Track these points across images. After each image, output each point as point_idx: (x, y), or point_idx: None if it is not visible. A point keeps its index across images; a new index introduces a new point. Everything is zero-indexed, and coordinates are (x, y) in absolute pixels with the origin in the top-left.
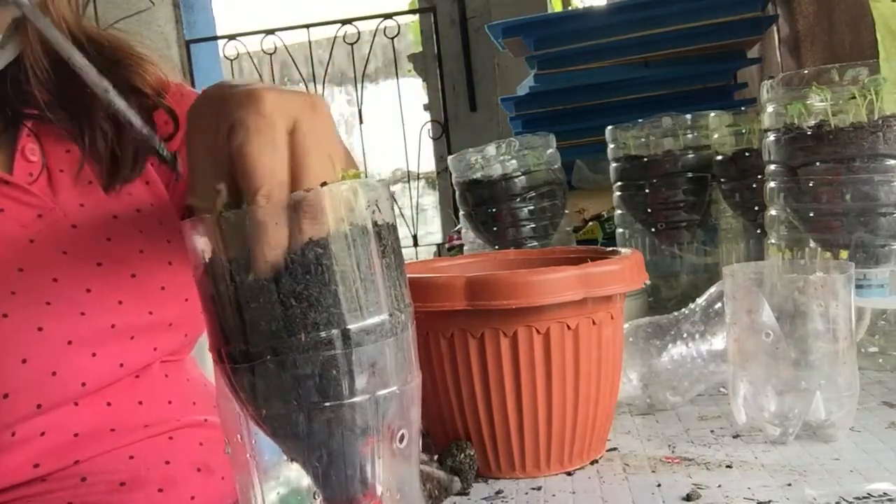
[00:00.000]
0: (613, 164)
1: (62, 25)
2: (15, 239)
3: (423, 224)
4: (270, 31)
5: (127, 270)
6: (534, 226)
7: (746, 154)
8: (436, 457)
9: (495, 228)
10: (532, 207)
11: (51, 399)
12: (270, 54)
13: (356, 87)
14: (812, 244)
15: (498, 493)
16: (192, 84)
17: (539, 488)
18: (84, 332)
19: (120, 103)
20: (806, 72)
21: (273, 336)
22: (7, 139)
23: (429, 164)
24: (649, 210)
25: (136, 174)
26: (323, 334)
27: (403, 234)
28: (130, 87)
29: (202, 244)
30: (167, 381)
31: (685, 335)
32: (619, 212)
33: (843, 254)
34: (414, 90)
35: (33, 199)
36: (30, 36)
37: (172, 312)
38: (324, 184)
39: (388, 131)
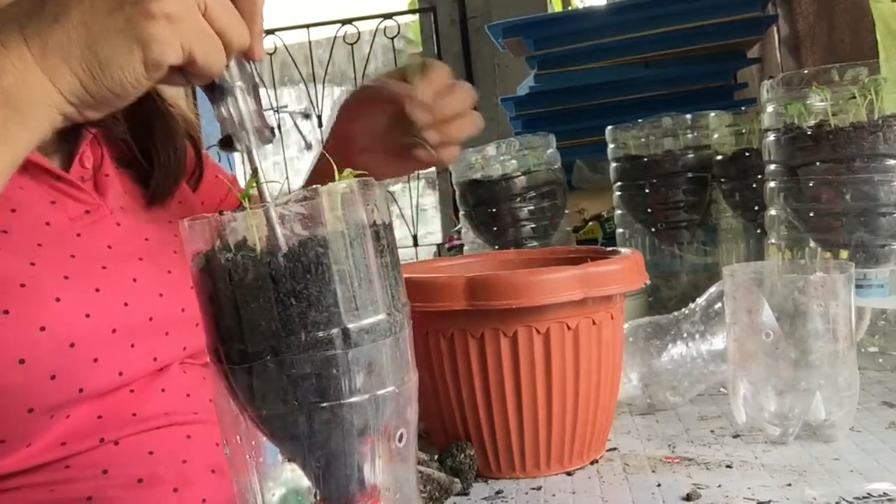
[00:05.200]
0: (613, 164)
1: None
2: (64, 230)
3: (423, 224)
4: (270, 31)
5: (164, 266)
6: (534, 226)
7: (746, 154)
8: (436, 457)
9: (495, 228)
10: (532, 207)
11: (91, 385)
12: (270, 54)
13: (356, 87)
14: (812, 244)
15: (498, 493)
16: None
17: (539, 488)
18: (126, 322)
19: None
20: (806, 72)
21: (272, 336)
22: (66, 144)
23: None
24: (649, 210)
25: (172, 191)
26: (322, 334)
27: (403, 234)
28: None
29: (201, 243)
30: (186, 376)
31: (685, 335)
32: (619, 212)
33: (843, 254)
34: None
35: (83, 196)
36: None
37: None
38: (324, 183)
39: None
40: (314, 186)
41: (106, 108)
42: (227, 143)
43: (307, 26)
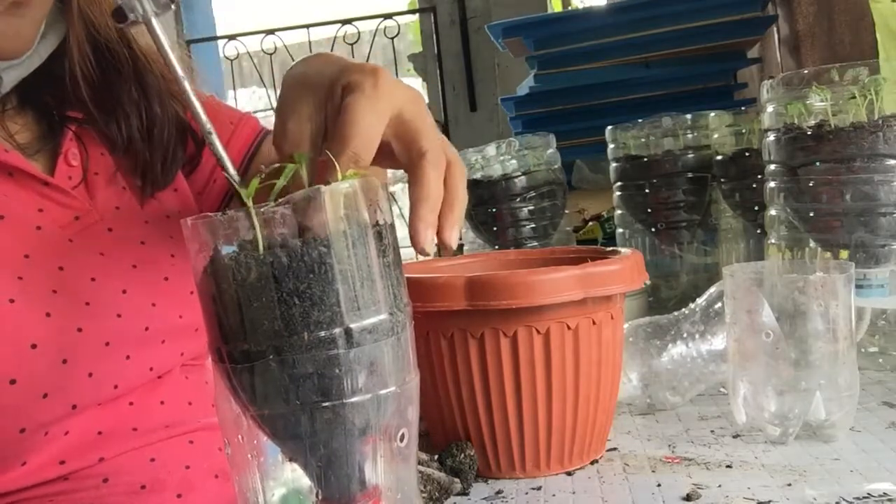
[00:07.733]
0: (613, 164)
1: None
2: (54, 239)
3: None
4: (270, 31)
5: (160, 274)
6: (534, 226)
7: (746, 154)
8: (436, 457)
9: (495, 228)
10: (532, 207)
11: (85, 400)
12: (270, 54)
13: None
14: (812, 244)
15: (498, 493)
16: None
17: (539, 488)
18: (120, 334)
19: (218, 146)
20: (806, 72)
21: (275, 335)
22: (51, 142)
23: None
24: (649, 210)
25: (169, 181)
26: (324, 333)
27: (404, 234)
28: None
29: (204, 242)
30: (188, 382)
31: (685, 335)
32: (619, 212)
33: (843, 254)
34: None
35: (72, 202)
36: (75, 20)
37: (199, 317)
38: (327, 183)
39: None
40: (317, 186)
41: None
42: (119, 14)
43: (307, 26)
